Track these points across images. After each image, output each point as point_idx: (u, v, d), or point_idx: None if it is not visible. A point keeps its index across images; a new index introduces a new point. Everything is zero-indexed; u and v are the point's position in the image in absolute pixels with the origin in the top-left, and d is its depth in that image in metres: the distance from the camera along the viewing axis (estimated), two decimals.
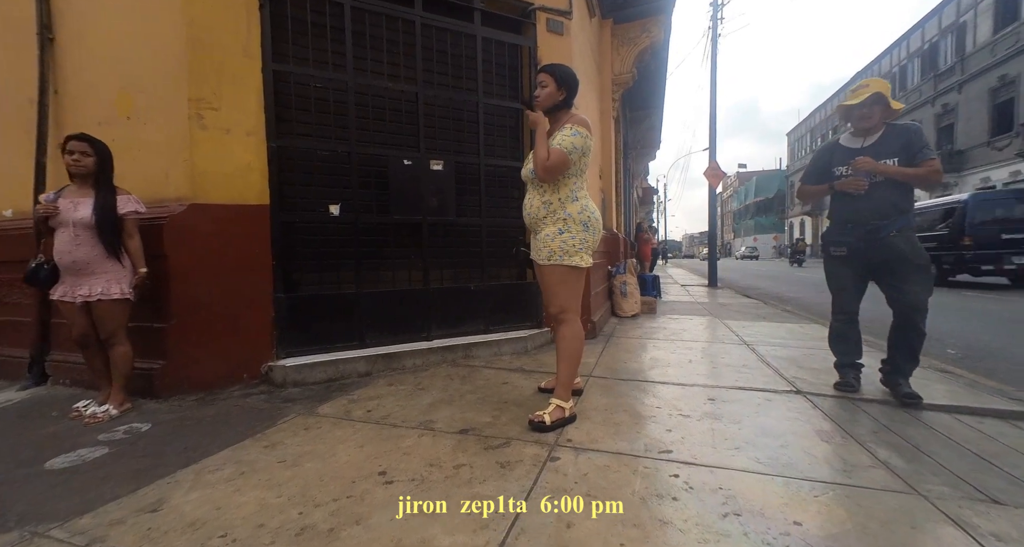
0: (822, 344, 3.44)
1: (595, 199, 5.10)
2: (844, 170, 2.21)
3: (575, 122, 1.98)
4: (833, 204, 2.33)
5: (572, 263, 1.95)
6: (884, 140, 2.16)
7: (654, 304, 5.48)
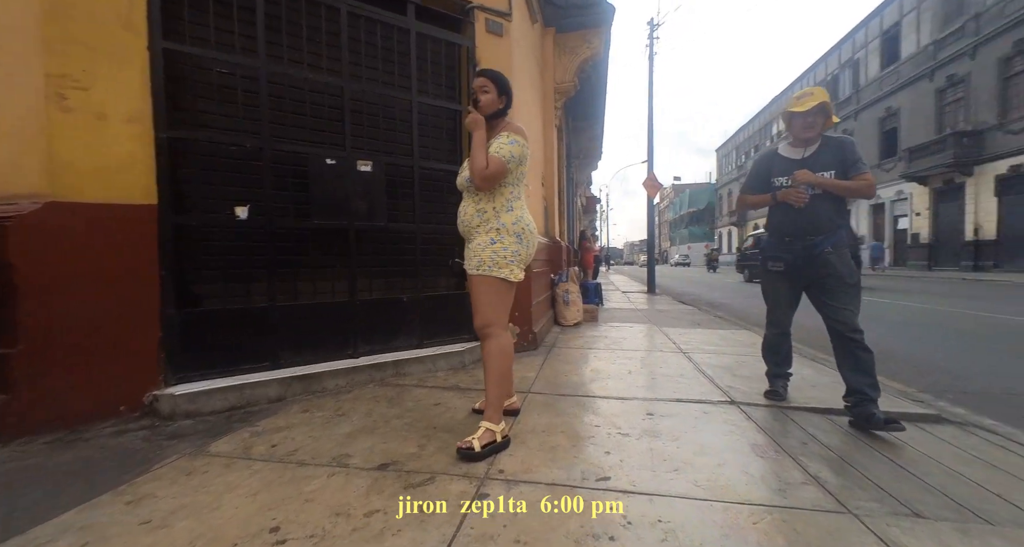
0: (751, 350, 3.58)
1: (537, 207, 5.04)
2: (784, 181, 2.17)
3: (512, 130, 1.91)
4: (772, 216, 2.29)
5: (501, 275, 1.83)
6: (821, 152, 2.13)
7: (596, 312, 5.51)
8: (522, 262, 1.91)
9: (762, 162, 2.33)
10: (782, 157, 2.25)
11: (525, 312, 3.62)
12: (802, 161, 2.15)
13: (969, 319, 5.58)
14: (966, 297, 8.13)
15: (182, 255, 2.26)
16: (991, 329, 4.84)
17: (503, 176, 1.85)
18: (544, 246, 4.75)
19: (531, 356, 3.46)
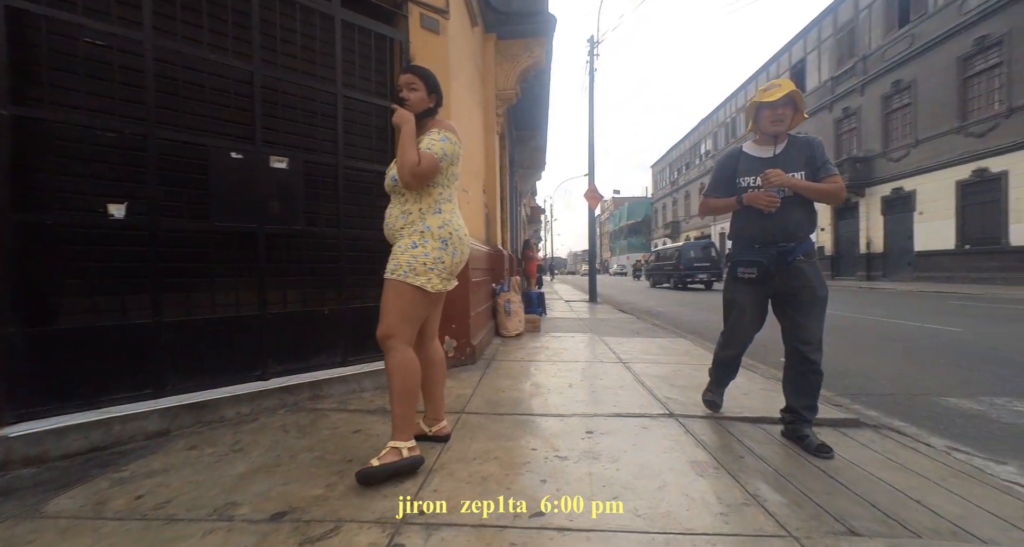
0: (688, 359, 3.63)
1: (478, 214, 4.89)
2: (752, 181, 1.94)
3: (444, 127, 1.78)
4: (737, 221, 2.04)
5: (417, 283, 1.66)
6: (789, 152, 1.92)
7: (538, 322, 5.43)
8: (446, 271, 1.73)
9: (726, 161, 2.08)
10: (748, 155, 2.01)
11: (463, 324, 3.42)
12: (771, 160, 1.92)
13: (870, 324, 6.17)
14: (865, 304, 9.07)
15: (30, 261, 1.83)
16: (889, 333, 5.36)
17: (434, 174, 1.70)
18: (485, 254, 4.60)
19: (469, 371, 3.26)
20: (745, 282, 1.98)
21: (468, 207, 4.13)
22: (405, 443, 1.61)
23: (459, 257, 1.76)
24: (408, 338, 1.69)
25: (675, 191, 38.99)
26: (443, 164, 1.70)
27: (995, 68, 12.86)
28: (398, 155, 1.67)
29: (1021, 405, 2.58)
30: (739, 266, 1.98)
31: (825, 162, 1.88)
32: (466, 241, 1.80)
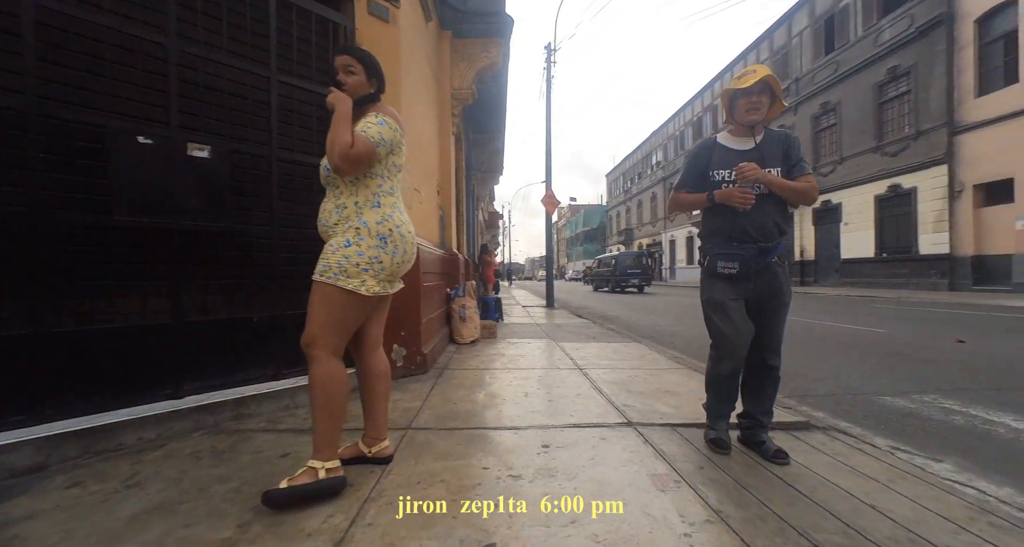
0: (643, 363, 3.62)
1: (432, 215, 4.70)
2: (727, 174, 1.79)
3: (383, 112, 1.61)
4: (710, 219, 1.88)
5: (349, 286, 1.48)
6: (767, 145, 1.79)
7: (494, 328, 5.29)
8: (385, 272, 1.56)
9: (699, 153, 1.91)
10: (724, 147, 1.85)
11: (414, 331, 3.21)
12: (748, 153, 1.78)
13: (806, 327, 6.54)
14: (801, 308, 9.68)
15: None
16: (824, 335, 5.69)
17: (369, 160, 1.52)
18: (439, 258, 4.40)
19: (419, 381, 3.05)
20: (725, 279, 1.80)
21: (421, 208, 3.93)
22: (324, 463, 1.45)
23: (401, 256, 1.59)
24: (333, 347, 1.50)
25: (628, 200, 40.38)
26: (380, 150, 1.53)
27: (905, 95, 14.34)
28: (329, 138, 1.48)
29: (946, 402, 2.74)
30: (719, 260, 1.79)
31: (800, 160, 1.78)
32: (411, 239, 1.63)
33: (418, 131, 3.78)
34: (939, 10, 12.95)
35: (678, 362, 3.72)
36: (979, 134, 12.09)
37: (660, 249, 33.32)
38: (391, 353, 3.09)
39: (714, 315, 1.84)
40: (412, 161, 3.62)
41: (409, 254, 1.62)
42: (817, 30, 17.92)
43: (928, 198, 13.45)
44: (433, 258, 4.02)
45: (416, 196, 3.70)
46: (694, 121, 28.35)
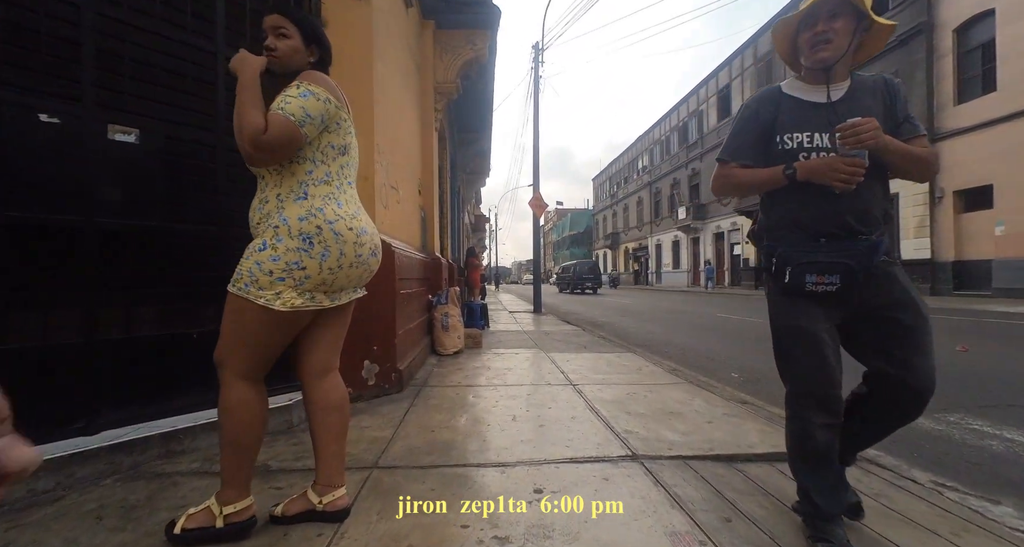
0: (640, 378, 3.33)
1: (412, 217, 4.34)
2: (806, 140, 1.23)
3: (308, 79, 1.25)
4: (780, 204, 1.30)
5: (260, 300, 1.18)
6: (858, 95, 1.24)
7: (480, 337, 4.95)
8: (311, 281, 1.23)
9: (759, 109, 1.33)
10: (795, 100, 1.28)
11: (388, 345, 2.86)
12: (832, 107, 1.22)
13: None
14: None
15: None
16: None
17: (291, 145, 1.20)
18: (420, 262, 4.06)
19: (394, 402, 2.70)
20: (817, 299, 1.21)
21: (399, 208, 3.59)
22: (222, 506, 1.22)
23: (336, 260, 1.25)
24: (244, 371, 1.24)
25: (615, 204, 40.51)
26: (306, 129, 1.20)
27: None
28: (235, 117, 1.17)
29: (974, 422, 2.52)
30: (808, 273, 1.19)
31: (908, 116, 1.24)
32: (350, 238, 1.28)
33: (395, 123, 3.45)
34: (919, 19, 13.17)
35: (678, 375, 3.44)
36: (959, 141, 12.27)
37: (646, 253, 33.42)
38: (361, 370, 2.74)
39: (801, 353, 1.23)
40: (390, 156, 3.28)
41: (350, 257, 1.28)
42: None
43: (910, 204, 13.61)
44: (413, 263, 3.68)
45: (393, 194, 3.37)
46: (679, 126, 28.56)
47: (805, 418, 1.24)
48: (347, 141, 1.35)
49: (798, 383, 1.27)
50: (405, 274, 3.30)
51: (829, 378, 1.21)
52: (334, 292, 1.30)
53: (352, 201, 1.35)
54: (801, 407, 1.25)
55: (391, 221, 3.27)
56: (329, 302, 1.29)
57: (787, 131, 1.27)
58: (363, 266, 1.34)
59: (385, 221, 3.11)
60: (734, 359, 4.48)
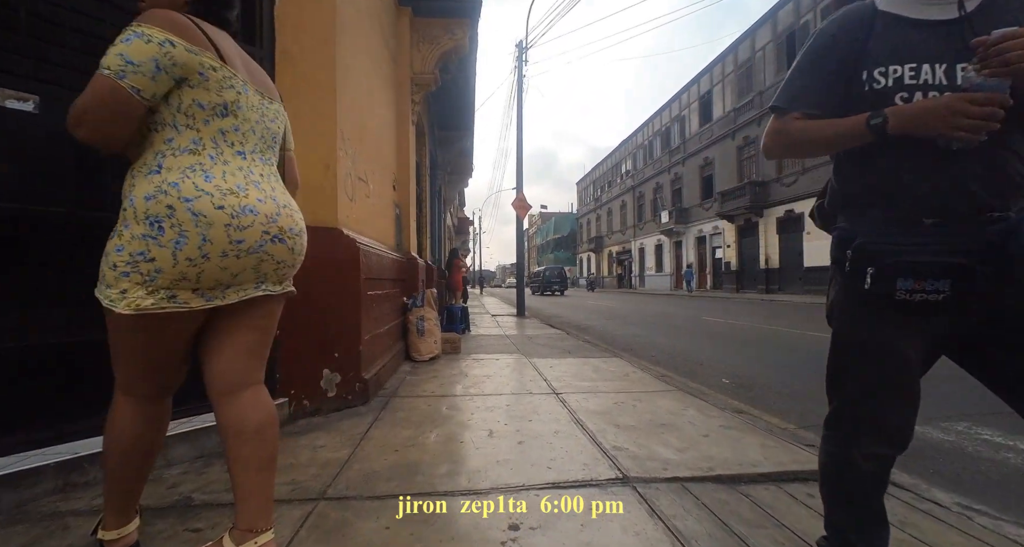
0: (628, 385, 3.10)
1: (385, 214, 4.03)
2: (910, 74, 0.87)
3: (139, 19, 0.96)
4: (862, 168, 0.95)
5: (105, 301, 0.96)
6: (999, 4, 0.85)
7: (458, 342, 4.67)
8: (163, 276, 0.95)
9: (839, 35, 0.96)
10: (895, 18, 0.91)
11: (351, 352, 2.57)
12: (965, 21, 0.84)
13: (797, 338, 6.28)
14: (775, 317, 9.58)
15: None
16: (819, 348, 5.41)
17: (110, 105, 0.90)
18: (393, 262, 3.78)
19: (357, 416, 2.41)
20: (911, 309, 0.85)
21: (369, 202, 3.31)
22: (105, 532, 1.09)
23: (197, 249, 0.95)
24: (125, 385, 1.06)
25: (599, 208, 40.69)
26: (130, 81, 0.90)
27: None
28: None
29: (983, 431, 2.37)
30: (902, 276, 0.83)
31: None
32: (219, 219, 0.97)
33: (364, 111, 3.18)
34: None
35: (667, 382, 3.23)
36: None
37: (630, 256, 33.58)
38: (320, 381, 2.44)
39: (865, 370, 0.95)
40: (358, 145, 3.00)
41: (220, 244, 0.97)
42: (780, 45, 18.48)
43: None
44: (384, 262, 3.40)
45: (361, 187, 3.09)
46: (662, 131, 28.84)
47: (849, 443, 0.98)
48: (227, 98, 1.04)
49: (850, 404, 0.99)
50: (374, 273, 3.01)
51: (894, 404, 0.93)
52: (210, 289, 1.02)
53: (238, 174, 1.04)
54: (846, 430, 0.99)
55: (359, 215, 2.99)
56: (203, 302, 1.00)
57: (880, 64, 0.88)
58: (255, 255, 1.04)
59: (352, 215, 2.83)
60: (722, 363, 4.32)
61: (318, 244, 2.41)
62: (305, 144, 2.36)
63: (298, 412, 2.33)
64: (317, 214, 2.42)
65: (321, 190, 2.45)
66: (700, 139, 24.38)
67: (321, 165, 2.45)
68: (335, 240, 2.46)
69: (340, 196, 2.58)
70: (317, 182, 2.43)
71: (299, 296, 1.25)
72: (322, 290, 2.39)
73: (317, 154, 2.43)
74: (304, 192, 2.42)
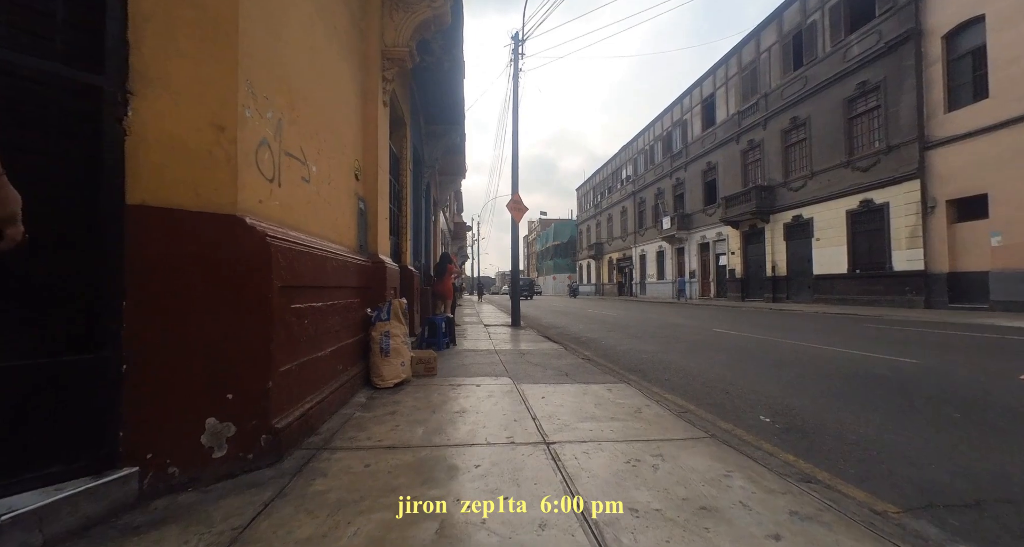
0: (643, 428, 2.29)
1: (341, 205, 3.17)
2: None
3: None
4: None
5: None
6: None
7: (433, 362, 3.90)
8: None
9: None
10: None
11: (253, 390, 1.81)
12: None
13: (817, 354, 5.52)
14: (789, 328, 8.80)
15: None
16: (850, 367, 4.64)
17: None
18: (351, 266, 3.04)
19: (250, 490, 1.64)
20: None
21: (310, 189, 2.59)
22: None
23: None
24: None
25: (599, 214, 40.02)
26: None
27: (875, 110, 14.21)
28: None
29: None
30: None
31: None
32: None
33: (301, 69, 2.45)
34: (907, 26, 12.90)
35: (691, 422, 2.47)
36: (951, 149, 11.90)
37: (630, 263, 32.84)
38: (201, 434, 1.68)
39: None
40: (289, 113, 2.28)
41: None
42: (785, 46, 17.92)
43: (901, 213, 13.18)
44: (331, 265, 2.66)
45: (295, 167, 2.35)
46: (664, 136, 28.27)
47: None
48: None
49: None
50: (307, 279, 2.27)
51: None
52: None
53: None
54: None
55: (288, 202, 2.26)
56: None
57: None
58: None
59: (274, 201, 2.10)
60: (754, 391, 3.55)
61: (201, 236, 1.67)
62: (183, 94, 1.63)
63: (156, 488, 1.56)
64: (202, 193, 1.69)
65: (209, 159, 1.71)
66: (703, 143, 23.77)
67: (208, 125, 1.71)
68: (229, 231, 1.72)
69: (245, 171, 1.84)
70: (202, 147, 1.69)
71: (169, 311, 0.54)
72: (208, 303, 1.65)
73: (201, 110, 1.69)
74: (180, 160, 1.69)
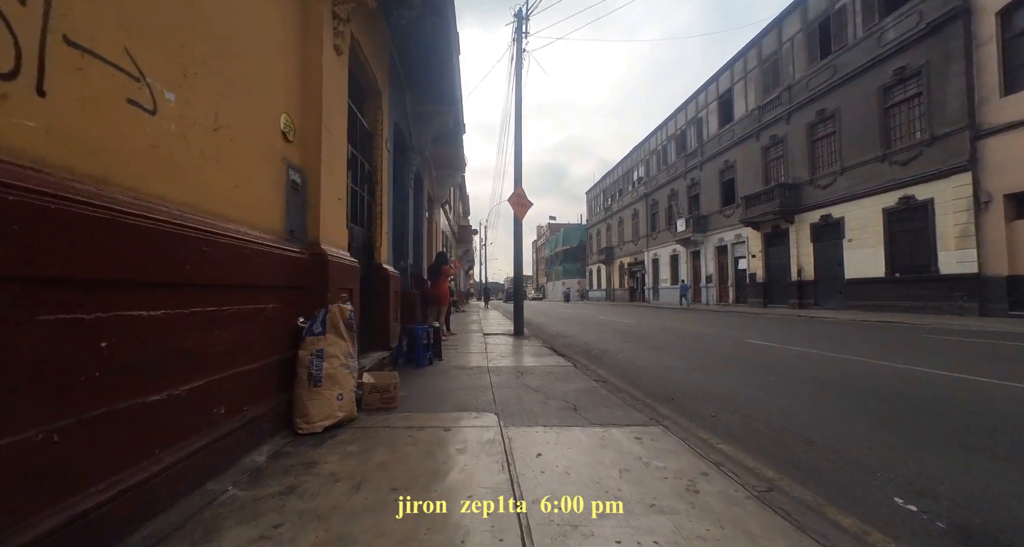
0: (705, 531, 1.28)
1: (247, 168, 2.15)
2: None
3: None
4: None
5: None
6: None
7: (393, 391, 2.87)
8: None
9: None
10: None
11: None
12: None
13: (889, 374, 4.38)
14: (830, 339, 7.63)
15: None
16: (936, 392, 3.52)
17: None
18: (271, 257, 2.04)
19: None
20: None
21: (153, 124, 1.60)
22: None
23: None
24: None
25: (609, 217, 38.86)
26: None
27: (915, 98, 12.97)
28: None
29: None
30: None
31: None
32: None
33: None
34: (953, 4, 11.69)
35: (789, 513, 1.41)
36: (1009, 137, 10.61)
37: (642, 268, 31.58)
38: None
39: None
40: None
41: None
42: (811, 34, 16.75)
43: (949, 210, 11.87)
44: (211, 248, 1.67)
45: (102, 73, 1.37)
46: (677, 135, 27.13)
47: None
48: None
49: None
50: (112, 268, 1.27)
51: None
52: None
53: None
54: None
55: (79, 129, 1.27)
56: None
57: None
58: None
59: (39, 121, 1.11)
60: (856, 442, 2.45)
61: None
62: None
63: None
64: None
65: None
66: (720, 141, 22.58)
67: None
68: None
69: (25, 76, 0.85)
70: None
71: None
72: None
73: None
74: None
